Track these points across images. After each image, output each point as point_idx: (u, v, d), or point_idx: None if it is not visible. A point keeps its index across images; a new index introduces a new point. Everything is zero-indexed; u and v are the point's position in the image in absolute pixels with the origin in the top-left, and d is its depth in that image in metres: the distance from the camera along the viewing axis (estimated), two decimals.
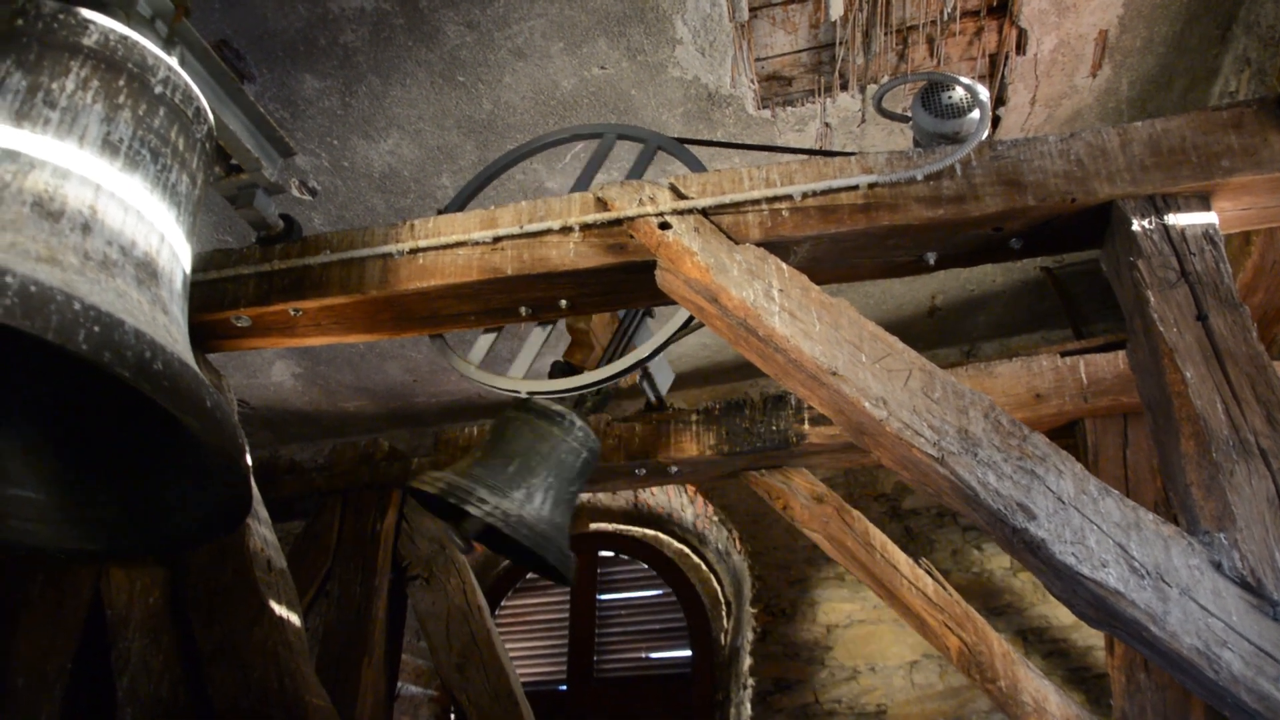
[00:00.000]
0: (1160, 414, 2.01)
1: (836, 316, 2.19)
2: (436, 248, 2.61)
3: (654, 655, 6.27)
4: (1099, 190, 2.23)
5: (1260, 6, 3.42)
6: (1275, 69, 2.21)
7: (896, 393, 2.05)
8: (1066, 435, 3.29)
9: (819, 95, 4.03)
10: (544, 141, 3.02)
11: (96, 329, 1.46)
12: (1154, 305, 2.03)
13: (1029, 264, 5.15)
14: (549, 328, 2.87)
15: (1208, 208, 2.17)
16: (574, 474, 3.04)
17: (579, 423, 3.06)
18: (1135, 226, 2.15)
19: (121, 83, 1.92)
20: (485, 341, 2.84)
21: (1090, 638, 4.75)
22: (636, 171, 2.76)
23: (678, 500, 6.19)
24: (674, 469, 3.74)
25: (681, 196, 2.45)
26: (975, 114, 2.36)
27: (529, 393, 2.77)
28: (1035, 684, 3.52)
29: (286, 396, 6.31)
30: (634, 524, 6.69)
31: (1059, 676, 4.71)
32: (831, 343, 2.15)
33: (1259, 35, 3.44)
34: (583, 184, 2.75)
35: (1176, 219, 2.15)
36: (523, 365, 2.79)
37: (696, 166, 2.71)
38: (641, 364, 2.72)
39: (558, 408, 3.04)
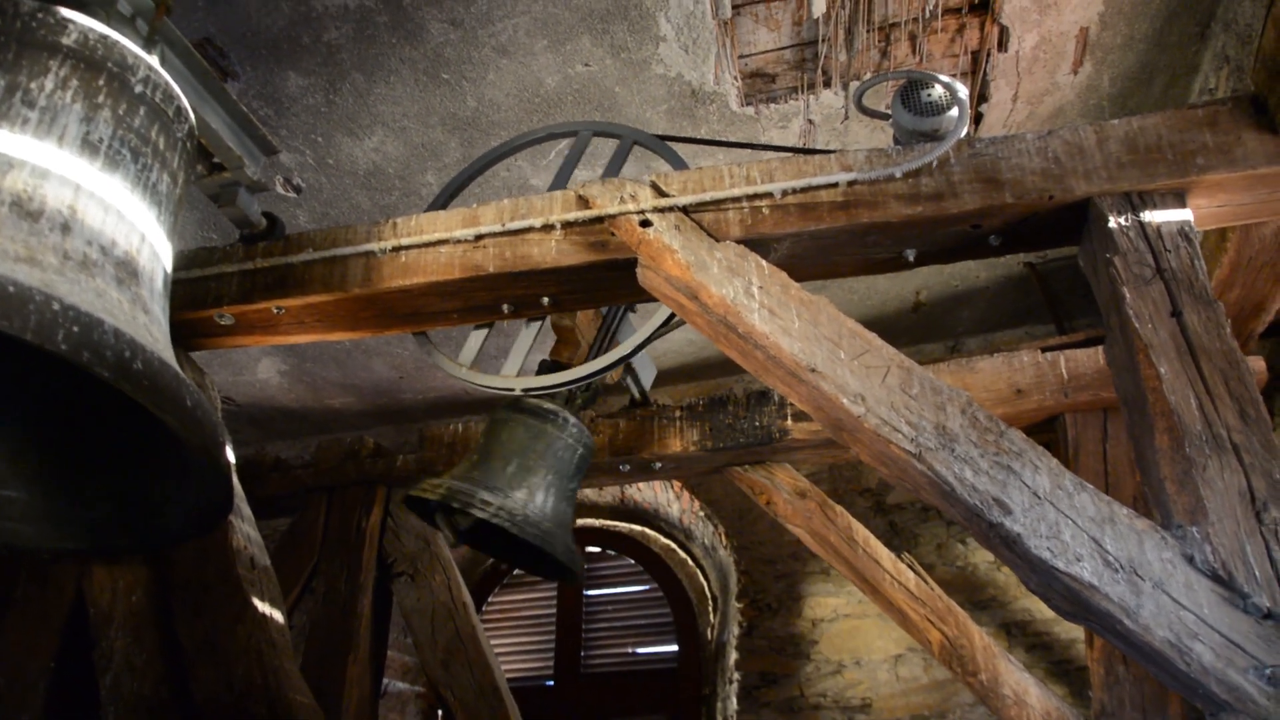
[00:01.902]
0: (1136, 409, 2.04)
1: (816, 313, 2.21)
2: (419, 246, 2.61)
3: (641, 650, 6.29)
4: (1076, 187, 2.25)
5: (1238, 4, 3.44)
6: (1252, 68, 2.23)
7: (874, 389, 2.06)
8: (1047, 430, 3.32)
9: (802, 92, 4.04)
10: (521, 141, 3.03)
11: (75, 329, 1.47)
12: (1130, 302, 2.05)
13: (1012, 260, 5.18)
14: (536, 326, 2.87)
15: (1183, 205, 2.20)
16: (572, 470, 3.06)
17: (573, 419, 3.07)
18: (1112, 223, 2.17)
19: (101, 82, 1.92)
20: (476, 342, 2.85)
21: (1072, 631, 4.78)
22: (613, 168, 2.77)
23: (664, 496, 6.21)
24: (658, 465, 3.76)
25: (662, 194, 2.46)
26: (954, 112, 2.37)
27: (524, 390, 2.78)
28: (1016, 676, 3.55)
29: (273, 394, 6.30)
30: (621, 520, 6.70)
31: (1042, 669, 4.74)
32: (810, 339, 2.16)
33: (1237, 33, 3.47)
34: (561, 182, 2.76)
35: (1152, 216, 2.17)
36: (515, 363, 2.80)
37: (678, 163, 2.72)
38: (625, 360, 2.73)
39: (550, 405, 3.06)
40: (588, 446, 3.12)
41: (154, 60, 2.11)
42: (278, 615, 2.48)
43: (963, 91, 2.35)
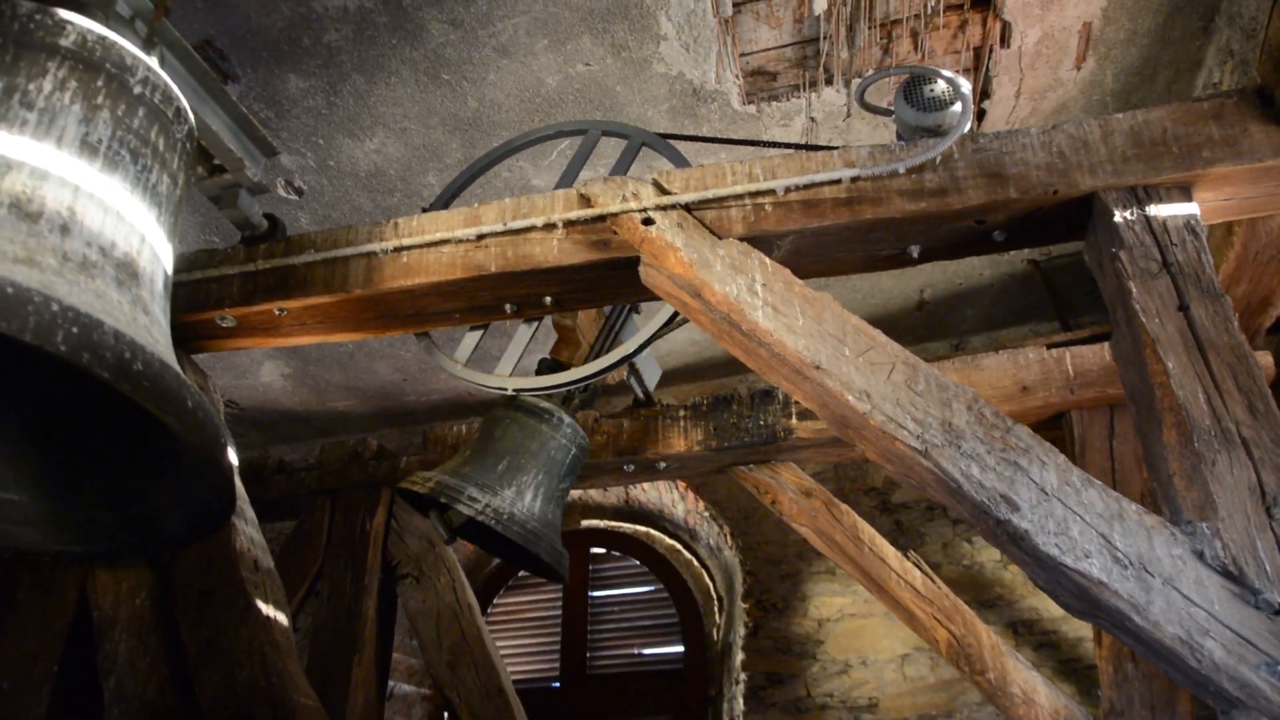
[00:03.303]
0: (1143, 404, 2.02)
1: (820, 311, 2.20)
2: (421, 246, 2.60)
3: (646, 651, 6.27)
4: (1081, 182, 2.23)
5: None
6: (1257, 60, 2.22)
7: (880, 386, 2.05)
8: (1053, 427, 3.31)
9: (804, 90, 4.03)
10: (528, 139, 3.02)
11: (75, 330, 1.46)
12: (1136, 296, 2.03)
13: (1016, 257, 5.16)
14: (534, 325, 2.87)
15: (1189, 198, 2.18)
16: (564, 470, 3.05)
17: (567, 419, 3.07)
18: (1117, 218, 2.16)
19: (100, 83, 1.91)
20: (471, 339, 2.84)
21: (1080, 629, 4.76)
22: (620, 168, 2.76)
23: (668, 496, 6.20)
24: (663, 465, 3.75)
25: (665, 192, 2.45)
26: (957, 107, 2.36)
27: (516, 390, 2.77)
28: (1024, 675, 3.53)
29: (276, 397, 6.30)
30: (625, 521, 6.69)
31: (1049, 668, 4.73)
32: (815, 337, 2.15)
33: (1241, 27, 3.45)
34: (567, 180, 2.75)
35: (1158, 210, 2.16)
36: (509, 362, 2.79)
37: (680, 162, 2.71)
38: (627, 360, 2.72)
39: (546, 405, 3.05)
40: (581, 447, 3.11)
41: (153, 61, 2.10)
42: (282, 618, 2.47)
43: (966, 86, 2.34)
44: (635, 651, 6.30)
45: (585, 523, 6.82)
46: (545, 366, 3.10)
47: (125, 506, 2.04)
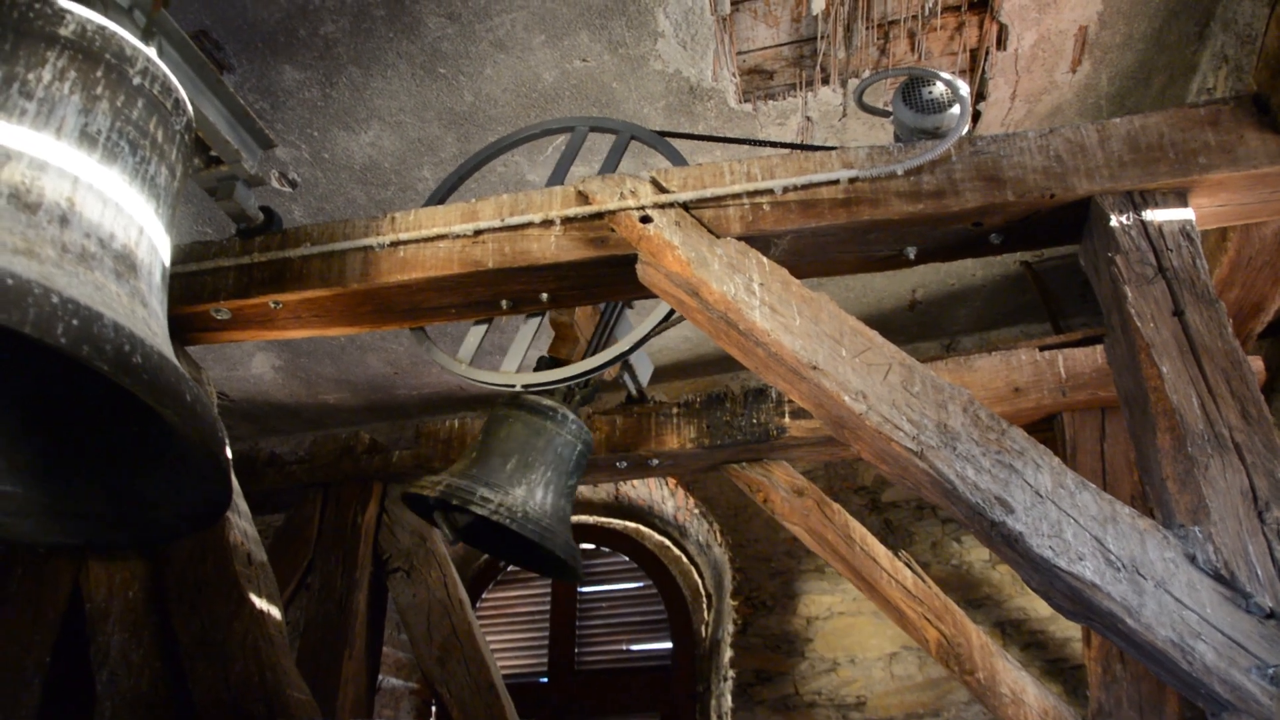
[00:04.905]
0: (1137, 408, 2.03)
1: (817, 311, 2.20)
2: (417, 240, 2.60)
3: (635, 647, 6.28)
4: (1078, 186, 2.24)
5: (1238, 4, 3.44)
6: (1252, 66, 2.23)
7: (876, 387, 2.06)
8: (1045, 429, 3.32)
9: (800, 89, 4.03)
10: (518, 137, 3.02)
11: (75, 322, 1.46)
12: (1131, 301, 2.04)
13: (1009, 259, 5.18)
14: (535, 322, 2.86)
15: (1185, 204, 2.19)
16: (571, 467, 3.05)
17: (572, 415, 3.07)
18: (1113, 222, 2.17)
19: (99, 74, 1.91)
20: (474, 338, 2.83)
21: (1068, 630, 4.79)
22: (610, 163, 2.76)
23: (659, 493, 6.20)
24: (655, 462, 3.75)
25: (663, 190, 2.45)
26: (956, 109, 2.37)
27: (525, 386, 2.77)
28: (1013, 675, 3.55)
29: (267, 389, 6.28)
30: (615, 517, 6.69)
31: (1037, 668, 4.75)
32: (812, 337, 2.15)
33: (1236, 32, 3.47)
34: (558, 178, 2.75)
35: (1154, 215, 2.17)
36: (515, 360, 2.79)
37: (678, 160, 2.71)
38: (623, 357, 2.73)
39: (549, 402, 3.05)
40: (587, 443, 3.11)
41: (152, 52, 2.09)
42: (275, 611, 2.47)
43: (964, 89, 2.34)
44: (624, 647, 6.30)
45: (575, 518, 6.82)
46: (544, 364, 3.09)
47: (120, 499, 2.04)
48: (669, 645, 6.18)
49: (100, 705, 2.24)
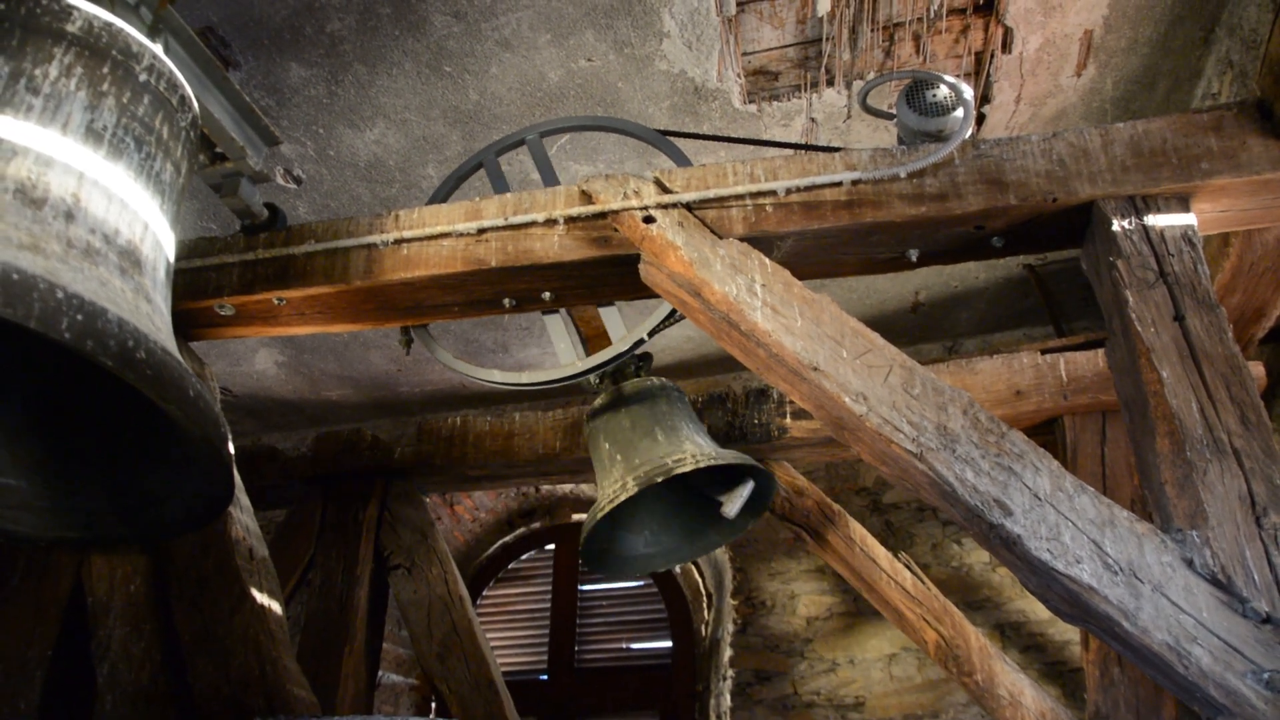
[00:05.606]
0: (1137, 412, 2.04)
1: (818, 312, 2.21)
2: (421, 239, 2.61)
3: (635, 646, 6.29)
4: (1080, 190, 2.25)
5: (1243, 9, 3.44)
6: (1257, 71, 2.23)
7: (877, 389, 2.06)
8: (1045, 432, 3.32)
9: (805, 91, 4.03)
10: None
11: (79, 317, 1.46)
12: (1132, 305, 2.05)
13: (1011, 262, 5.18)
14: (558, 317, 2.85)
15: (1187, 209, 2.20)
16: (693, 414, 3.25)
17: (657, 380, 3.25)
18: (1115, 227, 2.17)
19: (105, 70, 1.91)
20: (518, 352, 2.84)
21: (1067, 632, 4.79)
22: (546, 176, 2.80)
23: None
24: None
25: (666, 190, 2.46)
26: (959, 112, 2.37)
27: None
28: (1011, 677, 3.55)
29: (270, 385, 6.29)
30: None
31: (1036, 670, 4.75)
32: (813, 338, 2.16)
33: (1241, 38, 3.47)
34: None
35: (1156, 220, 2.18)
36: (570, 352, 2.79)
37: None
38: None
39: (638, 380, 3.22)
40: (680, 392, 3.27)
41: (158, 48, 2.10)
42: (276, 607, 2.48)
43: (968, 92, 2.35)
44: (623, 646, 6.32)
45: (575, 516, 6.84)
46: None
47: (123, 493, 2.05)
48: (669, 644, 6.19)
49: (101, 698, 2.25)
